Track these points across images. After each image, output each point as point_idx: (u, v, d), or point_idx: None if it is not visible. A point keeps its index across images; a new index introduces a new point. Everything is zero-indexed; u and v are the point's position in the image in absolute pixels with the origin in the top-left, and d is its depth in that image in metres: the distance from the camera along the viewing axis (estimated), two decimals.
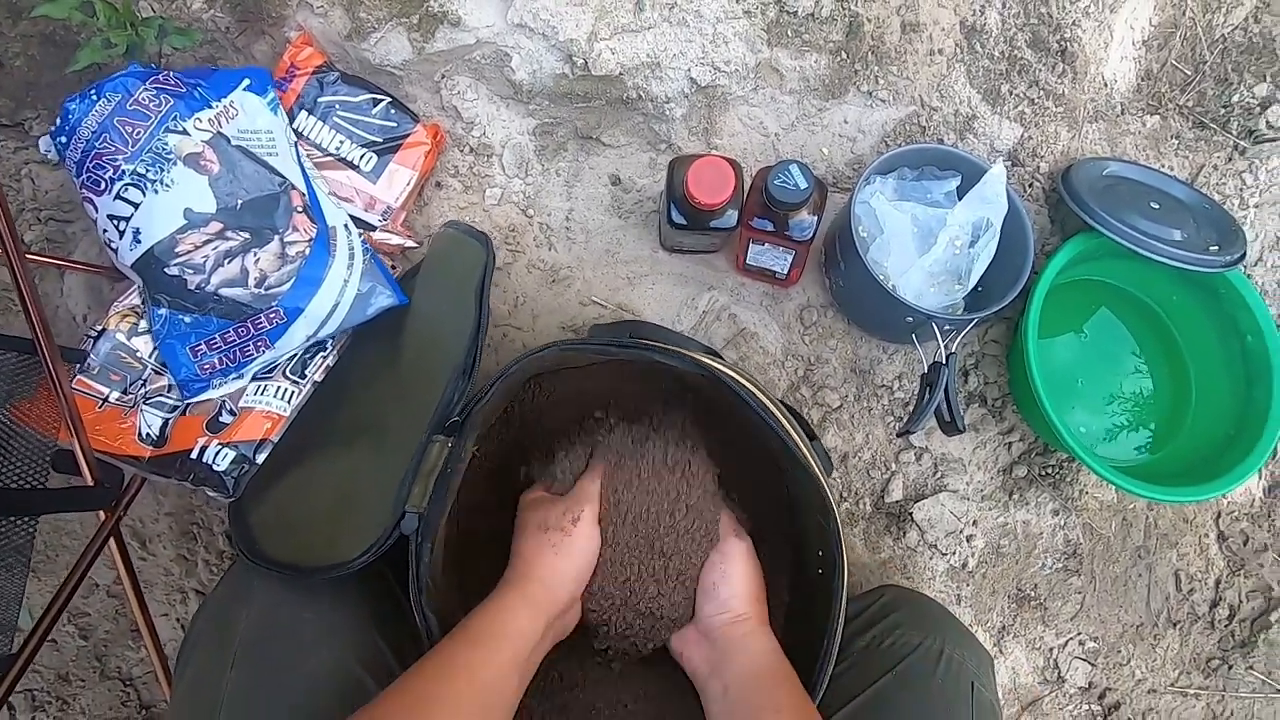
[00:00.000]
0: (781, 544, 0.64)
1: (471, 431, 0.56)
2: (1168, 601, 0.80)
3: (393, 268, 0.73)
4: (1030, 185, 0.77)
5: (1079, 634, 0.80)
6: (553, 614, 0.53)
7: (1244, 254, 0.69)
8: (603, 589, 0.59)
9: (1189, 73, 0.77)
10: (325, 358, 0.66)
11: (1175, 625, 0.80)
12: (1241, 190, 0.78)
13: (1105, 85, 0.77)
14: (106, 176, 0.57)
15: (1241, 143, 0.77)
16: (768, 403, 0.54)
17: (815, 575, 0.57)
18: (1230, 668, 0.80)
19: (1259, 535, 0.81)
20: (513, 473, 0.67)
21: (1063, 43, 0.74)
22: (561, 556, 0.55)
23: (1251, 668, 0.80)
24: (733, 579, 0.58)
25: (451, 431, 0.56)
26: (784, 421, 0.54)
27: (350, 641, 0.54)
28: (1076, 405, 0.77)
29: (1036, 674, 0.80)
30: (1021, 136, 0.76)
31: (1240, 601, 0.81)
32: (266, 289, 0.62)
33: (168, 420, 0.62)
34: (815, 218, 0.67)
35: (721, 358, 0.62)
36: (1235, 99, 0.77)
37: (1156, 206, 0.72)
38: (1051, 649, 0.80)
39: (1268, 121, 0.76)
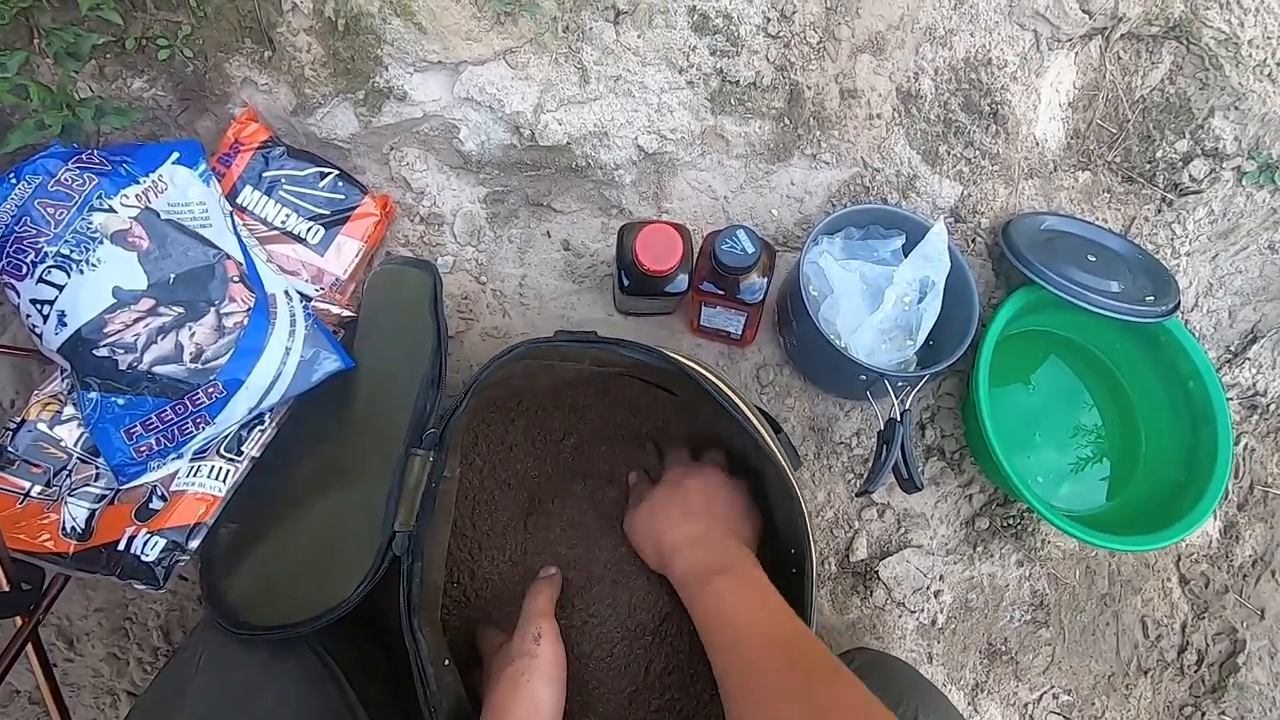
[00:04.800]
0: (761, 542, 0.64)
1: (454, 446, 0.56)
2: (1136, 649, 0.80)
3: (338, 334, 0.72)
4: (973, 240, 0.79)
5: (1052, 687, 0.79)
6: None
7: (1179, 303, 0.71)
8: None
9: (1114, 131, 0.81)
10: (263, 432, 0.64)
11: (1146, 673, 0.80)
12: (1172, 240, 0.81)
13: (1037, 144, 0.80)
14: (28, 260, 0.55)
15: (1168, 195, 0.81)
16: (734, 397, 0.55)
17: (791, 575, 0.56)
18: (1203, 714, 0.79)
19: (1219, 577, 0.81)
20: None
21: (994, 105, 0.77)
22: (536, 681, 0.52)
23: (1224, 713, 0.79)
24: (642, 538, 0.61)
25: (430, 444, 0.56)
26: (750, 415, 0.55)
27: None
28: (1032, 455, 0.78)
29: None
30: (962, 194, 0.79)
31: (1207, 645, 0.81)
32: (203, 363, 0.60)
33: (94, 511, 0.59)
34: (765, 279, 0.67)
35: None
36: (1159, 154, 0.81)
37: (1093, 259, 0.74)
38: (1026, 704, 0.79)
39: (1190, 175, 0.80)
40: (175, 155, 0.62)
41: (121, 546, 0.57)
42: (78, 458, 0.61)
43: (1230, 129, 0.78)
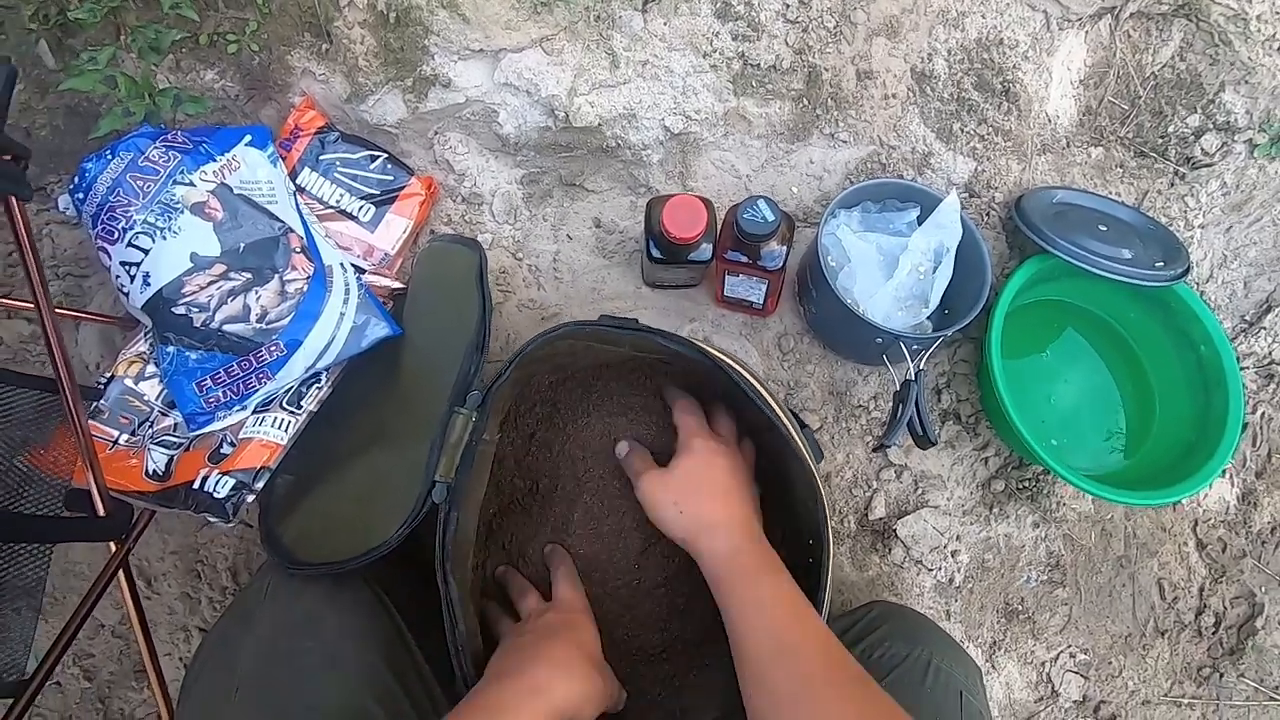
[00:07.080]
0: (777, 530, 0.66)
1: (494, 412, 0.60)
2: (1153, 610, 0.82)
3: (387, 304, 0.77)
4: (987, 214, 0.82)
5: (1069, 646, 0.81)
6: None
7: (1188, 269, 0.74)
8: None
9: (1126, 107, 0.83)
10: (320, 389, 0.70)
11: (1163, 634, 0.82)
12: (1186, 213, 0.83)
13: (1049, 121, 0.83)
14: (119, 227, 0.62)
15: (1181, 169, 0.83)
16: (762, 390, 0.58)
17: (808, 563, 0.59)
18: (1222, 676, 0.80)
19: (1237, 542, 0.83)
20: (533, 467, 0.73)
21: (1006, 84, 0.80)
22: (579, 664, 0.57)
23: (1243, 675, 0.80)
24: (666, 507, 0.61)
25: (473, 405, 0.60)
26: (776, 408, 0.58)
27: (354, 673, 0.56)
28: (1047, 419, 0.80)
29: (1030, 689, 0.81)
30: (975, 170, 0.82)
31: (1225, 608, 0.82)
32: (267, 324, 0.66)
33: (173, 456, 0.65)
34: (784, 247, 0.71)
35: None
36: (1171, 129, 0.83)
37: (1105, 229, 0.77)
38: (1043, 663, 0.81)
39: (1202, 149, 0.82)
40: (248, 138, 0.69)
41: (197, 485, 0.63)
42: (159, 410, 0.67)
43: (1241, 103, 0.81)
